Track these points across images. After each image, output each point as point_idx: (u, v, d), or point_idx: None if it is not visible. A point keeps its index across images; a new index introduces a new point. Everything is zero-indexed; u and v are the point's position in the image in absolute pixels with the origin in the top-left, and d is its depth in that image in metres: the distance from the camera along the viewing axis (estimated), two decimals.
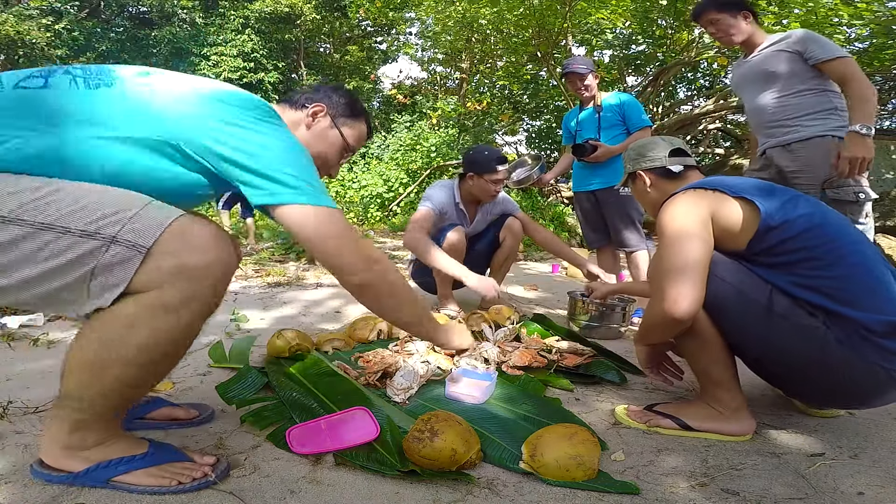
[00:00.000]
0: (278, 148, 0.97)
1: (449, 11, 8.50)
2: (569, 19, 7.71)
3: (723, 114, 8.59)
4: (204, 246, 0.89)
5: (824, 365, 1.14)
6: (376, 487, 1.03)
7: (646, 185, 1.52)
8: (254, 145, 0.95)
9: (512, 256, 2.73)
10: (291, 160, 0.97)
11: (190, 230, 0.89)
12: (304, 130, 1.21)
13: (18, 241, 0.81)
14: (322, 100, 1.23)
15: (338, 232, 0.99)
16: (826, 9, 5.85)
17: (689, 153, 1.52)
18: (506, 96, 11.06)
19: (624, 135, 2.72)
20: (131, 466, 0.97)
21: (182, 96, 0.96)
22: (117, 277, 0.84)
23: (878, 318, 1.09)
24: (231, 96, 1.00)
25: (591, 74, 2.69)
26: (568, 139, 2.98)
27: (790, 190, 1.29)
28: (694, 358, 1.32)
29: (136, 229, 0.84)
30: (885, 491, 1.08)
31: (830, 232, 1.17)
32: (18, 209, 0.81)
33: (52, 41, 12.62)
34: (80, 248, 0.82)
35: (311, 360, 1.70)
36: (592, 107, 2.77)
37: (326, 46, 17.39)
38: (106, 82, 0.93)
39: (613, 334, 2.27)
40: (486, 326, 2.08)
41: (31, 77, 0.92)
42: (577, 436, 1.10)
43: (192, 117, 0.95)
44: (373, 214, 8.50)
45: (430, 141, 9.24)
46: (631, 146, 1.62)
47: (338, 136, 1.25)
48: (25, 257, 0.82)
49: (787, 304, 1.15)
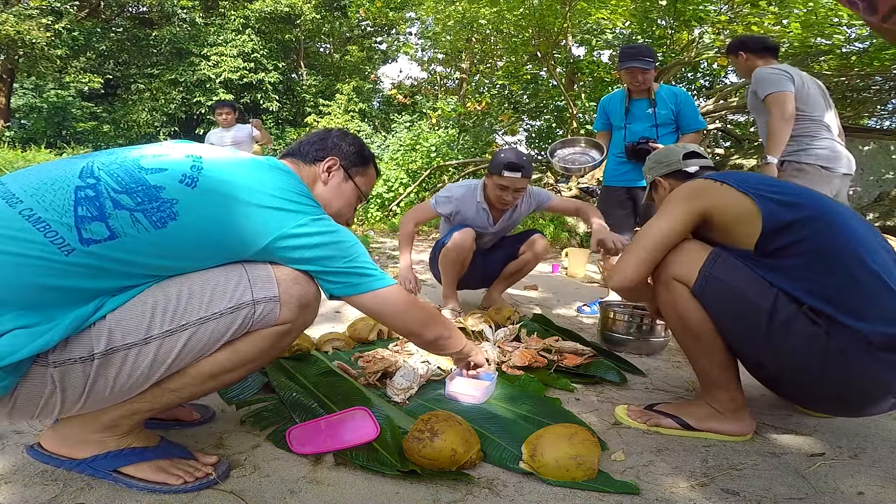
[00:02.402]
0: (338, 247, 1.06)
1: (449, 11, 8.50)
2: (569, 19, 7.71)
3: (723, 114, 8.59)
4: (303, 279, 1.05)
5: (823, 373, 1.13)
6: (376, 487, 1.03)
7: (666, 192, 1.51)
8: (319, 252, 1.04)
9: (524, 272, 2.67)
10: (352, 252, 1.08)
11: (287, 272, 1.03)
12: (322, 187, 1.24)
13: (189, 340, 0.94)
14: (333, 152, 1.26)
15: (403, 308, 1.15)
16: (826, 9, 5.85)
17: (703, 155, 1.52)
18: (506, 96, 11.06)
19: (674, 133, 2.59)
20: (142, 458, 0.98)
21: (241, 213, 0.98)
22: (268, 324, 1.02)
23: (880, 330, 1.07)
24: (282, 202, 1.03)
25: (653, 67, 2.53)
26: (604, 126, 2.80)
27: (804, 189, 1.26)
28: (694, 358, 1.32)
29: (260, 287, 0.99)
30: (885, 491, 1.08)
31: (839, 236, 1.14)
32: (173, 321, 0.92)
33: (52, 41, 12.63)
34: (237, 321, 0.97)
35: (311, 360, 1.70)
36: (647, 99, 2.60)
37: (326, 46, 17.41)
38: (168, 213, 0.92)
39: (650, 349, 2.06)
40: (486, 326, 2.08)
41: (87, 220, 0.87)
42: (577, 436, 1.10)
43: (257, 236, 0.99)
44: (373, 214, 8.50)
45: (430, 141, 9.24)
46: (649, 156, 1.63)
47: (353, 189, 1.29)
48: (203, 346, 0.95)
49: (791, 311, 1.13)
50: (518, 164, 2.28)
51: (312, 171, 1.24)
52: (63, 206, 0.86)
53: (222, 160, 1.03)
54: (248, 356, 1.02)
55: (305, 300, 1.05)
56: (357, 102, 15.35)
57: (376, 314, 1.14)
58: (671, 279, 1.27)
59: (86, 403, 0.89)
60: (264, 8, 14.51)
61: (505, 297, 2.83)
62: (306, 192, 1.08)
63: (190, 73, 14.70)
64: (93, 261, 0.86)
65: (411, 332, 1.21)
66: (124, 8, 16.23)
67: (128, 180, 0.92)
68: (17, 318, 0.80)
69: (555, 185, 8.52)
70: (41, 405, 0.86)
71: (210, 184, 0.97)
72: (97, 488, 0.97)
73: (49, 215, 0.85)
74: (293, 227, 1.01)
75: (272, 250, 1.01)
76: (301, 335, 1.77)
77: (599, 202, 2.93)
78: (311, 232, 1.02)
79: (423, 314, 1.21)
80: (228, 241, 0.97)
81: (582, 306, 2.87)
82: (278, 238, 1.00)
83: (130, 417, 0.97)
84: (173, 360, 0.92)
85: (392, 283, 1.12)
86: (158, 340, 0.90)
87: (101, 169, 0.92)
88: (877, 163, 7.16)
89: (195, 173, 0.97)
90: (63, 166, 0.93)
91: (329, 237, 1.05)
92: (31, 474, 1.01)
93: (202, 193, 0.95)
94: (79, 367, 0.85)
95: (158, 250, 0.91)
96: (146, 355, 0.90)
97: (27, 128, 14.13)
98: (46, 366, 0.83)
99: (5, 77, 12.80)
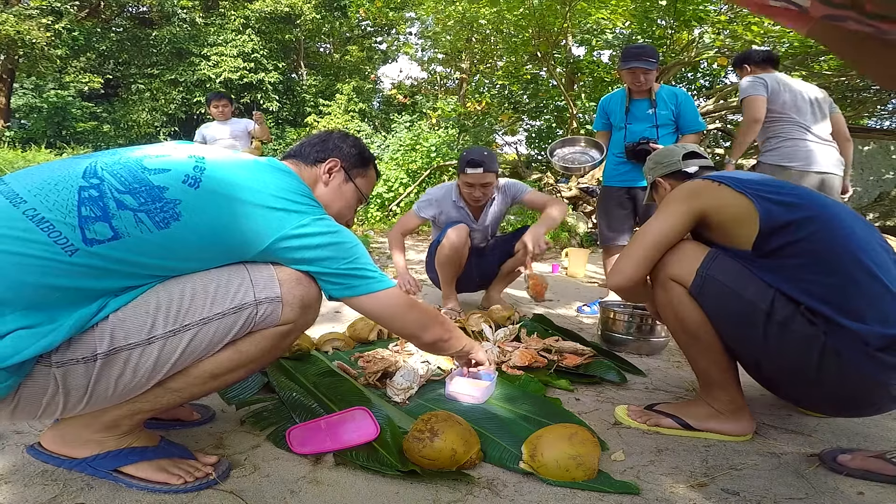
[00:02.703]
0: (339, 248, 1.06)
1: (449, 11, 8.49)
2: (569, 19, 7.71)
3: (723, 114, 8.59)
4: (306, 280, 1.05)
5: (820, 374, 1.12)
6: (376, 487, 1.03)
7: (667, 192, 1.51)
8: (319, 253, 1.04)
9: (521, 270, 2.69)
10: (353, 253, 1.08)
11: (289, 273, 1.03)
12: (323, 188, 1.24)
13: (192, 340, 0.94)
14: (334, 153, 1.26)
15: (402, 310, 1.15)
16: None
17: (703, 155, 1.52)
18: (506, 96, 11.06)
19: (674, 134, 2.60)
20: (143, 457, 0.98)
21: (243, 212, 0.98)
22: (270, 324, 1.02)
23: (877, 331, 1.06)
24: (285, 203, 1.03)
25: (655, 68, 2.54)
26: (604, 126, 2.82)
27: (803, 189, 1.26)
28: (693, 359, 1.32)
29: (262, 287, 1.00)
30: (886, 491, 1.08)
31: (838, 236, 1.13)
32: (176, 321, 0.92)
33: (52, 41, 12.63)
34: (239, 321, 0.98)
35: (311, 360, 1.70)
36: (647, 99, 2.62)
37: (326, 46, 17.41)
38: (171, 214, 0.92)
39: (650, 349, 2.06)
40: (486, 326, 2.08)
41: (90, 220, 0.86)
42: (577, 436, 1.10)
43: (259, 237, 0.99)
44: (373, 215, 8.49)
45: (430, 141, 9.23)
46: (648, 157, 1.63)
47: (353, 190, 1.29)
48: (205, 347, 0.96)
49: (788, 312, 1.13)
50: (478, 160, 2.37)
51: (313, 172, 1.24)
52: (67, 206, 0.86)
53: (225, 161, 1.03)
54: (250, 356, 1.02)
55: (308, 301, 1.06)
56: (357, 102, 15.35)
57: (375, 316, 1.14)
58: (668, 279, 1.27)
59: (88, 403, 0.89)
60: (264, 8, 14.51)
61: (504, 297, 2.83)
62: (308, 193, 1.09)
63: (190, 73, 14.70)
64: (96, 261, 0.85)
65: (410, 335, 1.22)
66: (124, 8, 16.22)
67: (131, 181, 0.92)
68: (20, 319, 0.80)
69: (555, 184, 8.52)
70: (44, 405, 0.86)
71: (213, 184, 0.96)
72: (97, 488, 0.97)
73: (53, 215, 0.85)
74: (294, 228, 1.01)
75: (274, 251, 1.01)
76: (301, 335, 1.78)
77: (599, 202, 2.94)
78: (313, 232, 1.02)
79: (422, 316, 1.21)
80: (231, 241, 0.97)
81: (582, 306, 2.88)
82: (280, 239, 1.00)
83: (131, 417, 0.97)
84: (176, 360, 0.92)
85: (391, 284, 1.12)
86: (161, 341, 0.91)
87: (105, 169, 0.92)
88: (877, 163, 7.16)
89: (198, 174, 0.97)
90: (66, 166, 0.93)
91: (330, 238, 1.05)
92: (31, 474, 1.01)
93: (205, 194, 0.95)
94: (81, 367, 0.85)
95: (162, 251, 0.91)
96: (149, 356, 0.90)
97: (27, 128, 14.12)
98: (49, 366, 0.83)
99: (5, 77, 12.79)
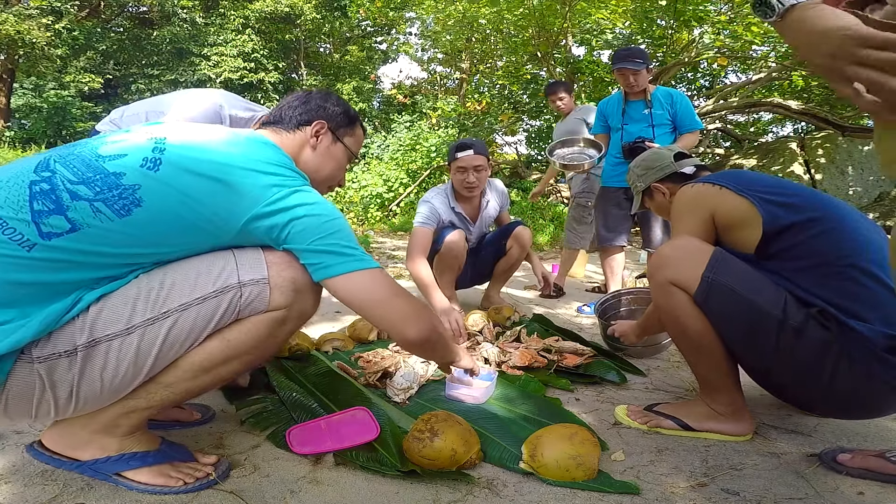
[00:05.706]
0: (315, 221, 0.98)
1: (449, 11, 8.50)
2: (569, 19, 7.71)
3: (722, 114, 8.59)
4: (298, 262, 0.99)
5: (833, 378, 1.11)
6: (376, 487, 1.03)
7: (665, 197, 1.48)
8: (293, 228, 0.96)
9: (516, 266, 2.70)
10: (330, 227, 0.99)
11: (280, 255, 0.99)
12: (311, 152, 1.17)
13: (172, 328, 0.91)
14: (319, 114, 1.19)
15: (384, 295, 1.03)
16: None
17: (689, 155, 1.52)
18: (506, 96, 11.07)
19: (671, 134, 2.61)
20: (143, 463, 0.98)
21: (210, 184, 0.93)
22: (258, 309, 0.97)
23: (882, 332, 1.06)
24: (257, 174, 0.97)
25: (645, 69, 2.56)
26: (603, 128, 2.83)
27: (803, 189, 1.24)
28: (694, 364, 1.31)
29: (248, 269, 0.95)
30: (886, 491, 1.08)
31: (843, 236, 1.12)
32: (154, 308, 0.90)
33: (52, 41, 12.61)
34: (222, 305, 0.93)
35: (311, 360, 1.70)
36: (642, 100, 2.64)
37: (326, 46, 17.39)
38: (131, 200, 0.88)
39: (653, 352, 2.02)
40: (486, 326, 2.08)
41: (44, 214, 0.85)
42: (577, 436, 1.10)
43: (233, 215, 0.94)
44: (373, 214, 8.49)
45: (430, 141, 9.23)
46: (633, 164, 1.60)
47: (343, 150, 1.23)
48: (188, 335, 0.92)
49: (802, 317, 1.10)
50: (467, 143, 2.45)
51: (297, 137, 1.16)
52: (18, 201, 0.85)
53: (190, 139, 0.98)
54: (240, 346, 0.97)
55: (300, 284, 0.99)
56: (357, 102, 15.33)
57: (348, 301, 1.01)
58: (669, 283, 1.21)
59: (79, 401, 0.88)
60: (264, 8, 14.48)
61: (504, 297, 2.83)
62: (287, 164, 1.03)
63: (190, 73, 14.68)
64: (57, 254, 0.85)
65: (391, 327, 1.05)
66: (124, 8, 16.20)
67: (84, 170, 0.89)
68: None
69: (554, 184, 8.52)
70: (35, 404, 0.86)
71: (174, 165, 0.92)
72: (97, 488, 0.97)
73: (5, 212, 0.84)
74: (269, 202, 0.94)
75: (252, 230, 0.95)
76: (301, 335, 1.79)
77: (597, 203, 2.95)
78: (288, 206, 0.95)
79: (408, 307, 1.04)
80: (201, 222, 0.92)
81: (582, 306, 2.87)
82: (255, 216, 0.94)
83: (128, 416, 0.96)
84: (159, 349, 0.90)
85: (374, 265, 1.01)
86: (141, 329, 0.89)
87: (58, 161, 0.90)
88: (877, 163, 7.16)
89: (157, 155, 0.92)
90: (22, 163, 0.92)
91: (306, 209, 0.96)
92: (31, 474, 1.01)
93: (166, 176, 0.91)
94: (64, 361, 0.85)
95: (127, 238, 0.88)
96: (129, 346, 0.88)
97: (27, 128, 14.11)
98: (31, 362, 0.83)
99: (5, 77, 12.78)
